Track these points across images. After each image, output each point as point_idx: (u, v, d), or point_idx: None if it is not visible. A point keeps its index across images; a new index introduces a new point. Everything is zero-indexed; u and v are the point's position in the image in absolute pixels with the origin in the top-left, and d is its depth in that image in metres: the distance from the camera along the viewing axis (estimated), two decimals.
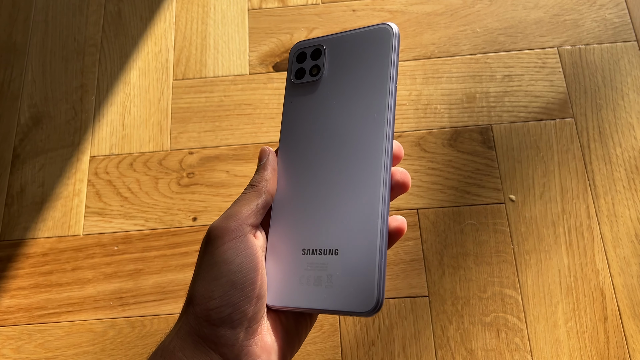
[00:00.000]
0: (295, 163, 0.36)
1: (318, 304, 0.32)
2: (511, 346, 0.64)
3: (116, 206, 0.74)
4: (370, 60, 0.35)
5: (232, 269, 0.31)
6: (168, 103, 0.80)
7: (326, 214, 0.33)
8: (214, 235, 0.32)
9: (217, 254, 0.31)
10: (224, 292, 0.30)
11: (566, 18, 0.81)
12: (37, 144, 0.79)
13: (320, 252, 0.33)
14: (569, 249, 0.68)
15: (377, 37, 0.35)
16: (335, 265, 0.32)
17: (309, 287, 0.33)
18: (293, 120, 0.37)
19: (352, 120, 0.34)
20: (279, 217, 0.35)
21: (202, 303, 0.31)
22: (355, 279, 0.31)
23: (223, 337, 0.30)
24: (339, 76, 0.36)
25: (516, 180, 0.72)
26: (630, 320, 0.65)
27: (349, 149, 0.34)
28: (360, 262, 0.31)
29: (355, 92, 0.35)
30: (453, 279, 0.68)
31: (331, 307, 0.32)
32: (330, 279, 0.32)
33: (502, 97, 0.76)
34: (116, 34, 0.85)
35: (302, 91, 0.37)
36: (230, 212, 0.33)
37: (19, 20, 0.87)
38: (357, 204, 0.33)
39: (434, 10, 0.83)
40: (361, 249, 0.32)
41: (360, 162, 0.33)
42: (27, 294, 0.70)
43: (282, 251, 0.34)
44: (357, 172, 0.33)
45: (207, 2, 0.86)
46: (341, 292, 0.32)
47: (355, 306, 0.31)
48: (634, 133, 0.73)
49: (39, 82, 0.82)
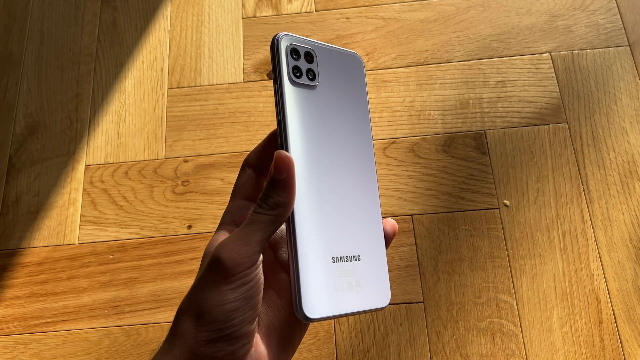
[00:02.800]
0: (308, 171, 0.34)
1: (353, 307, 0.34)
2: (506, 352, 0.64)
3: (111, 215, 0.74)
4: (353, 81, 0.38)
5: (238, 297, 0.30)
6: (163, 111, 0.80)
7: (347, 223, 0.35)
8: (224, 265, 0.30)
9: (225, 282, 0.30)
10: (227, 316, 0.30)
11: (559, 24, 0.81)
12: (32, 153, 0.79)
13: (347, 259, 0.35)
14: (563, 254, 0.68)
15: (354, 62, 0.38)
16: (361, 270, 0.35)
17: (344, 293, 0.34)
18: (299, 124, 0.34)
19: (350, 132, 0.37)
20: (304, 227, 0.33)
21: (203, 325, 0.30)
22: (376, 279, 0.36)
23: (219, 353, 0.30)
24: (331, 87, 0.36)
25: (510, 185, 0.72)
26: (626, 324, 0.65)
27: (353, 162, 0.37)
28: (377, 264, 0.36)
29: (347, 108, 0.37)
30: (448, 285, 0.68)
31: (363, 308, 0.35)
32: (358, 282, 0.35)
33: (496, 103, 0.77)
34: (111, 44, 0.85)
35: (301, 93, 0.35)
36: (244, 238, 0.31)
37: (14, 30, 0.87)
38: (369, 212, 0.36)
39: (427, 17, 0.83)
40: (376, 253, 0.36)
41: (364, 174, 0.37)
42: (23, 303, 0.70)
43: (315, 262, 0.33)
44: (363, 183, 0.37)
45: (202, 11, 0.87)
46: (368, 293, 0.35)
47: (378, 303, 0.35)
48: (627, 137, 0.74)
49: (35, 91, 0.83)
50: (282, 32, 0.36)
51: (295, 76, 0.34)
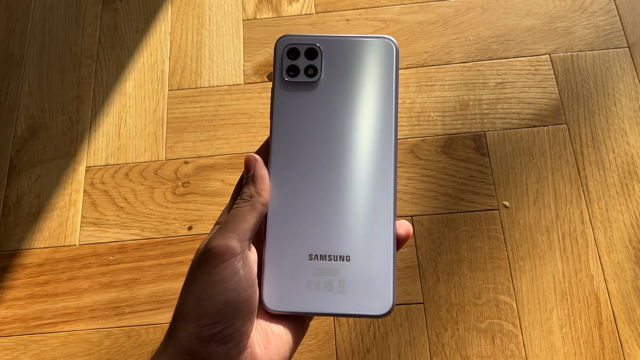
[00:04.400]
0: (291, 168, 0.35)
1: (332, 308, 0.33)
2: (506, 352, 0.64)
3: (112, 216, 0.75)
4: (374, 72, 0.35)
5: (229, 287, 0.31)
6: (163, 113, 0.80)
7: (334, 221, 0.34)
8: (212, 254, 0.31)
9: (214, 273, 0.31)
10: (218, 309, 0.30)
11: (558, 25, 0.81)
12: (33, 155, 0.79)
13: (330, 258, 0.34)
14: (563, 255, 0.68)
15: (380, 50, 0.35)
16: (349, 271, 0.33)
17: (319, 292, 0.33)
18: (287, 121, 0.35)
19: (357, 129, 0.35)
20: (278, 224, 0.35)
21: (195, 320, 0.30)
22: (370, 283, 0.33)
23: (213, 352, 0.30)
24: (339, 81, 0.35)
25: (510, 186, 0.72)
26: (625, 325, 0.65)
27: (356, 156, 0.34)
28: (375, 267, 0.33)
29: (360, 101, 0.35)
30: (448, 286, 0.68)
31: (345, 311, 0.33)
32: (342, 284, 0.33)
33: (495, 104, 0.77)
34: (112, 46, 0.86)
35: (295, 90, 0.35)
36: (227, 229, 0.32)
37: (16, 33, 0.88)
38: (369, 212, 0.34)
39: (426, 19, 0.83)
40: (375, 255, 0.33)
41: (370, 171, 0.34)
42: (23, 304, 0.71)
43: (284, 257, 0.34)
44: (367, 180, 0.34)
45: (202, 13, 0.87)
46: (355, 296, 0.33)
47: (371, 309, 0.33)
48: (627, 138, 0.74)
49: (36, 93, 0.83)
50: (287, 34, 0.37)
51: (289, 75, 0.35)
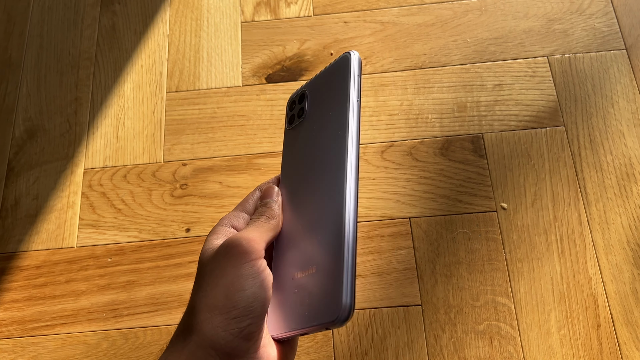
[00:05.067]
0: (289, 196, 0.38)
1: (303, 324, 0.33)
2: (504, 354, 0.64)
3: (110, 218, 0.74)
4: (335, 88, 0.37)
5: (257, 283, 0.32)
6: (161, 115, 0.80)
7: (307, 238, 0.35)
8: (241, 251, 0.32)
9: (244, 267, 0.32)
10: (247, 303, 0.31)
11: (556, 27, 0.81)
12: (31, 157, 0.79)
13: (304, 274, 0.34)
14: (561, 257, 0.68)
15: (340, 66, 0.37)
16: (313, 283, 0.33)
17: (297, 309, 0.33)
18: (288, 160, 0.40)
19: (326, 145, 0.36)
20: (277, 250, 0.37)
21: (223, 312, 0.31)
22: (325, 291, 0.32)
23: (237, 348, 0.31)
24: (315, 111, 0.39)
25: (508, 188, 0.72)
26: (623, 327, 0.65)
27: (323, 173, 0.35)
28: (329, 274, 0.32)
29: (326, 120, 0.37)
30: (446, 288, 0.68)
31: (310, 324, 0.32)
32: (310, 297, 0.33)
33: (493, 106, 0.77)
34: (110, 48, 0.86)
35: (293, 133, 0.40)
36: (250, 235, 0.34)
37: (14, 35, 0.88)
38: (327, 222, 0.33)
39: (424, 21, 0.84)
40: (330, 262, 0.32)
41: (329, 182, 0.34)
42: (21, 306, 0.71)
43: (278, 282, 0.36)
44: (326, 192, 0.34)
45: (200, 15, 0.87)
46: (317, 307, 0.32)
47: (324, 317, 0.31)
48: (625, 140, 0.74)
49: (34, 95, 0.83)
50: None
51: (289, 124, 0.41)
